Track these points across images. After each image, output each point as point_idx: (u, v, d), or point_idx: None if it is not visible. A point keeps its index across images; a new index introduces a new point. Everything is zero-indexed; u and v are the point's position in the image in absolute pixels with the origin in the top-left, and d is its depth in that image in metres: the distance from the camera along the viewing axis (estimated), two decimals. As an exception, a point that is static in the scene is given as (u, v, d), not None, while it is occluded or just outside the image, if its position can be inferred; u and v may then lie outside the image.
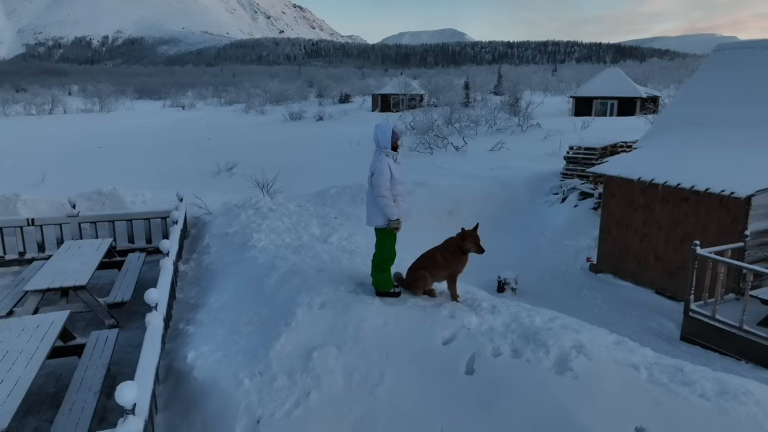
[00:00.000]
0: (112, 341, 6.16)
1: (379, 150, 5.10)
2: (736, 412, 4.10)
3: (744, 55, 10.73)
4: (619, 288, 9.98)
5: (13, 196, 10.93)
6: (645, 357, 4.62)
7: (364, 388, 4.24)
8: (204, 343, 5.05)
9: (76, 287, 7.18)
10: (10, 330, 5.68)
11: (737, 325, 7.05)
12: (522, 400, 4.10)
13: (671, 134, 10.22)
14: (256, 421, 4.02)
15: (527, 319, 4.79)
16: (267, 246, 7.17)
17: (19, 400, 4.43)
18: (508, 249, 11.59)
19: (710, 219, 8.44)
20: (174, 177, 18.11)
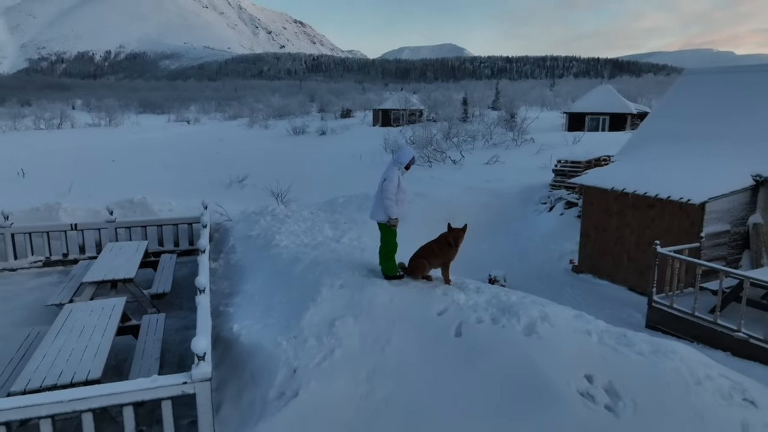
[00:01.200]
0: (162, 323, 7.37)
1: (395, 163, 6.31)
2: (663, 364, 5.32)
3: (706, 80, 12.06)
4: (597, 286, 11.17)
5: (56, 204, 12.18)
6: (597, 326, 5.82)
7: (376, 347, 5.45)
8: (245, 319, 6.26)
9: (125, 280, 8.41)
10: (81, 311, 6.91)
11: (690, 313, 8.24)
12: (498, 355, 5.30)
13: (643, 149, 11.51)
14: (293, 371, 5.22)
15: (504, 297, 6.01)
16: (288, 245, 8.40)
17: (104, 359, 5.65)
18: (500, 252, 12.81)
19: (672, 223, 9.66)
20: (189, 188, 19.35)
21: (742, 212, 9.70)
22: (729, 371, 5.56)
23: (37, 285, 10.14)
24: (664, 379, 5.19)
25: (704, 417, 4.89)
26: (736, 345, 7.68)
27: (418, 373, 5.24)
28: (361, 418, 4.93)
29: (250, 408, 5.21)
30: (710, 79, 12.18)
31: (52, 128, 61.22)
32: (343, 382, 5.13)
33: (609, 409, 4.91)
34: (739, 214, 9.69)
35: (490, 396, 5.04)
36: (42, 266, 10.95)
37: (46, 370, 5.38)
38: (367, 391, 5.08)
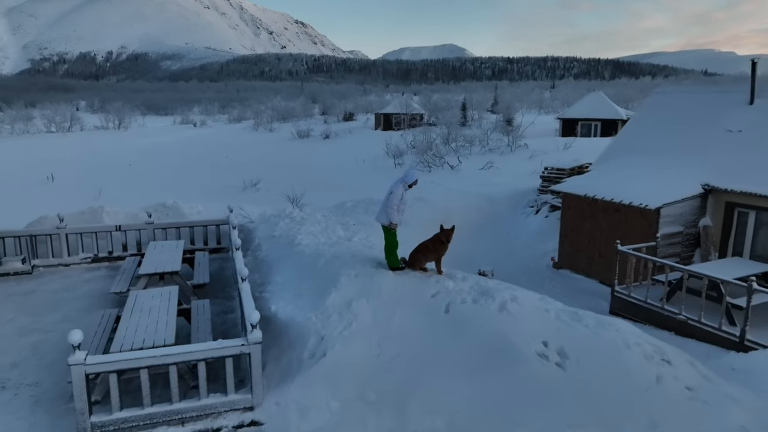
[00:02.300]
0: (208, 307, 9.03)
1: (401, 181, 7.95)
2: (603, 334, 6.98)
3: (674, 98, 13.71)
4: (573, 280, 12.82)
5: (99, 207, 13.85)
6: (555, 306, 7.48)
7: (384, 321, 7.11)
8: (280, 301, 7.92)
9: (172, 272, 10.06)
10: (145, 296, 8.57)
11: (644, 300, 9.89)
12: (477, 327, 6.96)
13: (614, 160, 13.16)
14: (321, 338, 6.88)
15: (483, 283, 7.67)
16: (309, 244, 10.06)
17: (174, 331, 7.30)
18: (490, 250, 14.45)
19: (634, 225, 11.29)
20: (207, 192, 21.00)
21: (693, 216, 11.33)
22: (654, 339, 7.22)
23: (90, 278, 11.81)
24: (602, 344, 6.86)
25: (630, 371, 6.56)
26: (678, 326, 9.33)
27: (416, 339, 6.91)
28: (373, 372, 6.59)
29: (289, 366, 6.88)
30: (677, 97, 13.83)
31: (63, 131, 62.95)
32: (360, 346, 6.79)
33: (559, 365, 6.58)
34: (690, 218, 11.31)
35: (470, 356, 6.70)
36: (91, 262, 12.62)
37: (132, 338, 7.03)
38: (378, 353, 6.75)
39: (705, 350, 8.72)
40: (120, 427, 6.20)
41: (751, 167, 10.84)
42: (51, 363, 7.86)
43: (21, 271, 11.86)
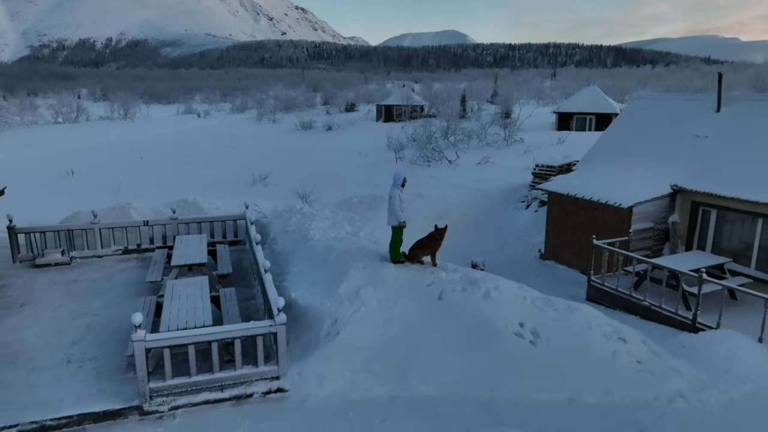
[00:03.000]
0: (234, 294, 10.39)
1: (395, 185, 9.24)
2: (570, 317, 8.36)
3: (652, 104, 14.96)
4: (557, 270, 14.17)
5: (127, 204, 15.19)
6: (531, 293, 8.84)
7: (387, 306, 8.47)
8: (298, 289, 9.29)
9: (200, 264, 11.42)
10: (180, 285, 9.90)
11: (615, 289, 11.26)
12: (465, 311, 8.32)
13: (595, 161, 14.45)
14: (334, 320, 8.25)
15: (471, 274, 9.03)
16: (320, 239, 11.41)
17: (210, 314, 8.66)
18: (482, 243, 15.80)
19: (610, 222, 12.61)
20: (218, 186, 22.28)
21: (663, 213, 12.63)
22: (614, 321, 8.60)
23: (123, 268, 13.17)
24: (569, 325, 8.24)
25: (590, 348, 7.95)
26: (643, 310, 10.70)
27: (414, 322, 8.28)
28: (378, 348, 7.97)
29: (308, 343, 8.26)
30: (653, 103, 15.07)
31: (70, 121, 64.08)
32: (367, 326, 8.17)
33: (531, 342, 7.96)
34: (660, 215, 12.62)
35: (459, 335, 8.08)
36: (122, 254, 13.99)
37: (175, 320, 8.39)
38: (382, 332, 8.13)
39: (663, 331, 10.10)
40: (172, 392, 7.58)
41: (714, 170, 12.12)
42: (104, 341, 9.24)
43: (61, 262, 13.21)
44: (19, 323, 9.92)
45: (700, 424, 7.03)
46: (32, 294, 11.38)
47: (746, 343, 8.69)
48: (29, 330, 9.62)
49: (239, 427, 7.15)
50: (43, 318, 10.15)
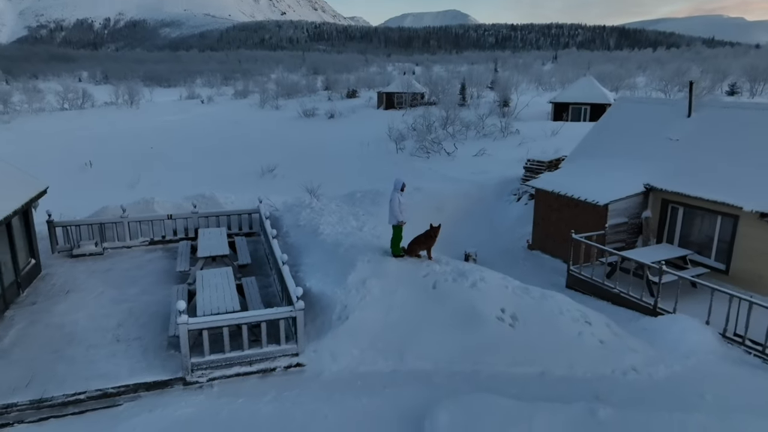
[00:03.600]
0: (255, 282, 11.87)
1: (395, 189, 10.63)
2: (545, 303, 9.83)
3: (632, 108, 16.27)
4: (542, 259, 15.62)
5: (151, 198, 16.61)
6: (512, 283, 10.30)
7: (389, 294, 9.94)
8: (312, 279, 10.76)
9: (223, 255, 12.87)
10: (209, 275, 11.34)
11: (590, 278, 12.72)
12: (455, 298, 9.79)
13: (578, 161, 15.81)
14: (344, 306, 9.73)
15: (461, 267, 10.49)
16: (330, 233, 12.85)
17: (237, 300, 10.13)
18: (476, 233, 17.24)
19: (589, 217, 14.00)
20: (229, 179, 23.64)
21: (636, 209, 14.02)
22: (582, 307, 10.07)
23: (151, 258, 14.63)
24: (542, 310, 9.72)
25: (560, 329, 9.43)
26: (614, 297, 12.16)
27: (411, 308, 9.76)
28: (381, 330, 9.45)
29: (321, 326, 9.75)
30: (632, 107, 16.38)
31: (76, 108, 65.12)
32: (372, 312, 9.65)
33: (510, 325, 9.45)
34: (634, 211, 14.01)
35: (450, 319, 9.56)
36: (148, 245, 15.44)
37: (209, 306, 9.85)
38: (385, 317, 9.61)
39: (629, 315, 11.57)
40: (209, 366, 9.09)
41: (683, 171, 13.48)
42: (145, 323, 10.73)
43: (95, 252, 14.69)
44: (68, 308, 11.42)
45: (646, 392, 8.53)
46: (74, 282, 12.86)
47: (695, 325, 10.16)
48: (79, 314, 11.12)
49: (266, 395, 8.64)
50: (88, 303, 11.64)
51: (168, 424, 8.02)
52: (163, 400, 8.56)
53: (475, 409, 7.44)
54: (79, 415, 8.38)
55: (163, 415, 8.19)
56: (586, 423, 7.23)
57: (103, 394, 8.64)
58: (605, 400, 8.01)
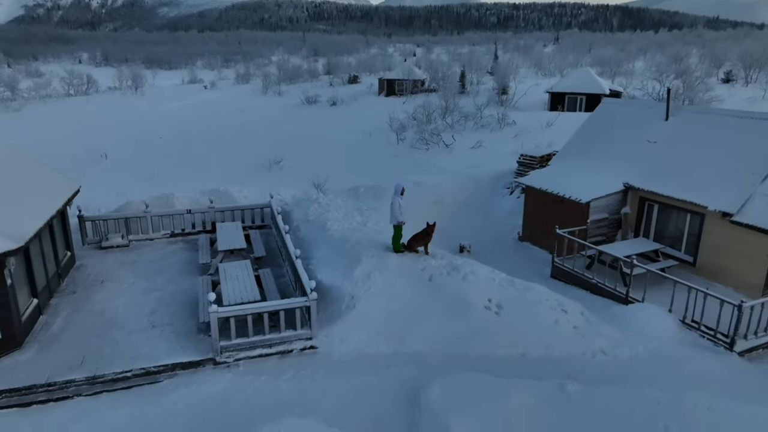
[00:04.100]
0: (271, 274, 13.27)
1: (396, 193, 11.96)
2: (526, 294, 11.26)
3: (615, 110, 17.49)
4: (531, 251, 17.00)
5: (170, 194, 17.94)
6: (499, 275, 11.69)
7: (390, 286, 11.36)
8: (323, 272, 12.17)
9: (240, 249, 14.26)
10: (230, 267, 12.72)
11: (572, 269, 14.12)
12: (448, 289, 11.21)
13: (565, 159, 17.09)
14: (352, 297, 11.15)
15: (454, 262, 11.88)
16: (337, 229, 14.21)
17: (257, 290, 11.54)
18: (471, 225, 18.59)
19: (573, 213, 15.33)
20: (238, 171, 24.89)
21: (616, 206, 15.34)
22: (560, 297, 11.47)
23: (172, 250, 16.00)
24: (525, 300, 11.13)
25: (539, 316, 10.85)
26: (592, 287, 13.56)
27: (411, 298, 11.17)
28: (384, 318, 10.88)
29: (332, 314, 11.17)
30: (616, 109, 17.59)
31: (81, 93, 66.02)
32: (376, 302, 11.06)
33: (496, 313, 10.86)
34: (614, 207, 15.33)
35: (443, 308, 10.97)
36: (169, 237, 16.82)
37: (233, 296, 11.24)
38: (387, 306, 11.03)
39: (605, 303, 12.97)
40: (235, 348, 10.52)
41: (659, 172, 14.76)
42: (175, 311, 12.14)
43: (121, 244, 16.08)
44: (106, 296, 12.84)
45: (611, 370, 9.97)
46: (107, 272, 14.28)
47: (659, 312, 11.57)
48: (116, 302, 12.55)
49: (285, 373, 10.08)
50: (123, 292, 13.06)
51: (203, 398, 9.47)
52: (197, 378, 10.01)
53: (463, 385, 8.88)
54: (127, 390, 9.84)
55: (198, 391, 9.63)
56: (555, 397, 8.67)
57: (146, 372, 10.10)
58: (575, 378, 9.43)
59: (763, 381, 9.98)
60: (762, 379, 10.02)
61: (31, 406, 9.48)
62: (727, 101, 40.15)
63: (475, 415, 8.18)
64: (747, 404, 8.74)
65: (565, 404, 8.58)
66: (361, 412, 8.75)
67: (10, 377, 9.78)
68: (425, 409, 8.40)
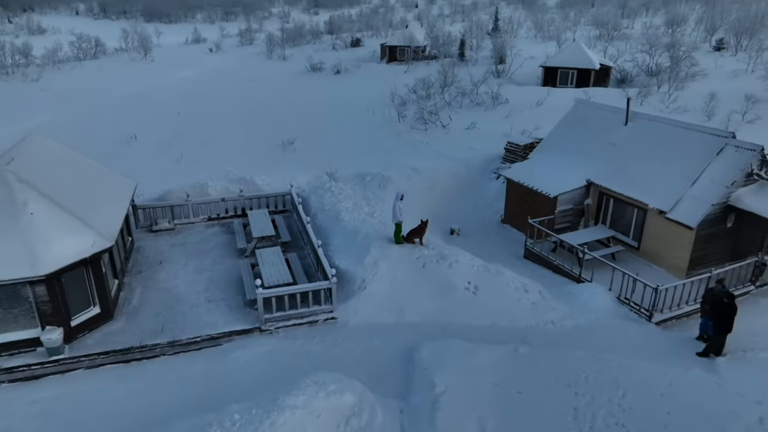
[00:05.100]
0: (297, 257, 16.61)
1: (396, 198, 15.11)
2: (498, 277, 14.67)
3: (588, 112, 20.32)
4: (511, 232, 20.21)
5: (204, 183, 21.05)
6: (478, 262, 15.02)
7: (392, 271, 14.71)
8: (340, 258, 15.50)
9: (270, 236, 17.51)
10: (265, 253, 16.04)
11: (540, 252, 17.41)
12: (437, 275, 14.58)
13: (542, 154, 20.07)
14: (363, 280, 14.52)
15: (443, 251, 15.19)
16: (348, 219, 17.43)
17: (288, 273, 14.91)
18: (461, 208, 21.76)
19: (544, 203, 18.41)
20: (256, 154, 27.66)
21: (580, 198, 18.41)
22: (524, 279, 14.81)
23: (211, 233, 19.25)
24: (496, 282, 14.51)
25: (506, 295, 14.26)
26: (555, 267, 16.82)
27: (408, 281, 14.53)
28: (388, 296, 14.27)
29: (347, 293, 14.56)
30: (589, 111, 20.38)
31: (90, 57, 67.72)
32: (381, 284, 14.43)
33: (473, 293, 14.26)
34: (579, 199, 18.42)
35: (433, 289, 14.35)
36: (207, 221, 20.05)
37: (272, 279, 14.56)
38: (389, 287, 14.40)
39: (563, 281, 16.29)
40: (275, 320, 13.91)
41: (615, 171, 17.75)
42: (224, 288, 15.52)
43: (168, 228, 19.33)
44: (167, 276, 16.19)
45: (557, 337, 13.39)
46: (162, 254, 17.59)
47: (600, 291, 14.91)
48: (175, 280, 15.91)
49: (314, 338, 13.52)
50: (179, 272, 16.39)
51: (255, 357, 12.93)
52: (249, 342, 13.48)
53: (445, 347, 12.31)
54: (198, 351, 13.32)
55: (251, 351, 13.09)
56: (511, 356, 12.11)
57: (211, 337, 13.56)
58: (528, 343, 12.86)
59: (669, 345, 13.40)
60: (669, 344, 13.44)
61: (131, 363, 13.00)
62: (711, 75, 42.31)
63: (452, 369, 11.61)
64: (650, 362, 12.16)
65: (517, 361, 12.03)
66: (370, 367, 12.19)
67: (112, 341, 13.27)
68: (417, 365, 11.86)
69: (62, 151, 16.38)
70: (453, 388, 10.93)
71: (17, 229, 12.29)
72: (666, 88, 36.00)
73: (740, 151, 15.46)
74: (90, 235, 13.17)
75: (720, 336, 12.33)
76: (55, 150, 16.04)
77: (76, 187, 14.69)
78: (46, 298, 12.44)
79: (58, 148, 16.31)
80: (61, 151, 16.32)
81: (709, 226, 15.48)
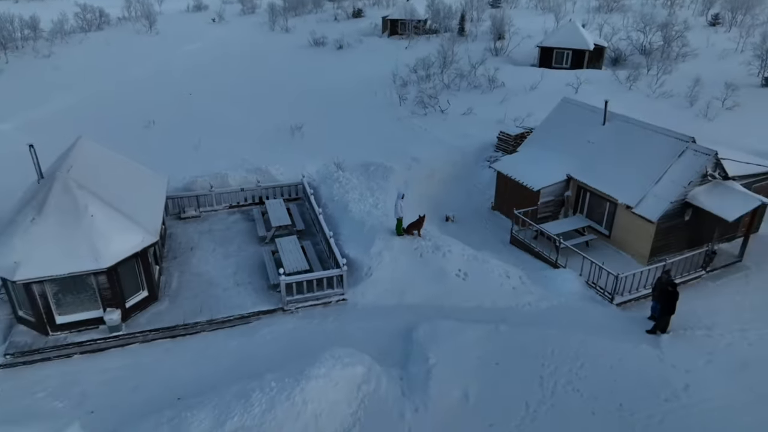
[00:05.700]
0: (311, 244, 19.09)
1: (398, 197, 17.47)
2: (485, 265, 17.20)
3: (571, 110, 22.39)
4: (500, 219, 22.58)
5: (225, 173, 23.30)
6: (468, 251, 17.51)
7: (394, 261, 17.23)
8: (349, 248, 18.00)
9: (287, 225, 19.93)
10: (284, 242, 18.53)
11: (523, 239, 19.85)
12: (432, 263, 17.13)
13: (529, 147, 22.27)
14: (369, 267, 17.05)
15: (438, 242, 17.67)
16: (355, 210, 19.82)
17: (305, 260, 17.43)
18: (456, 195, 24.09)
19: (528, 195, 20.68)
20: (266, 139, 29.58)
21: (561, 191, 20.69)
22: (507, 266, 17.34)
23: (233, 220, 21.65)
24: (483, 270, 17.05)
25: (491, 281, 16.82)
26: (536, 254, 19.30)
27: (407, 268, 17.07)
28: (390, 282, 16.82)
29: (356, 279, 17.11)
30: (574, 110, 22.42)
31: (94, 28, 68.52)
32: (384, 271, 16.96)
33: (463, 279, 16.81)
34: (559, 192, 20.70)
35: (429, 275, 16.89)
36: (228, 208, 22.43)
37: (291, 266, 17.07)
38: (392, 274, 16.94)
39: (542, 266, 18.77)
40: (296, 301, 16.49)
41: (591, 167, 19.96)
42: (250, 273, 18.04)
43: (195, 215, 21.73)
44: (198, 261, 18.68)
45: (533, 316, 15.96)
46: (193, 240, 20.03)
47: (573, 276, 17.42)
48: (207, 266, 18.40)
49: (329, 317, 16.11)
50: (209, 258, 18.88)
51: (280, 333, 15.53)
52: (274, 321, 16.08)
53: (438, 327, 14.89)
54: (231, 328, 15.93)
55: (277, 329, 15.68)
56: (492, 333, 14.71)
57: (241, 316, 16.16)
58: (507, 321, 15.44)
59: (625, 324, 15.96)
60: (625, 323, 16.01)
61: (176, 338, 15.62)
62: (702, 54, 43.82)
63: (443, 345, 14.22)
64: (606, 339, 14.76)
65: (498, 337, 14.63)
66: (376, 343, 14.77)
67: (159, 320, 15.87)
68: (414, 342, 14.47)
69: (104, 153, 18.59)
70: (443, 360, 13.56)
71: (81, 230, 14.70)
72: (655, 71, 37.63)
73: (698, 155, 17.69)
74: (139, 232, 15.60)
75: (665, 317, 14.90)
76: (99, 153, 18.26)
77: (121, 188, 16.99)
78: (106, 285, 14.97)
79: (100, 150, 18.52)
80: (103, 153, 18.54)
81: (669, 219, 17.85)
